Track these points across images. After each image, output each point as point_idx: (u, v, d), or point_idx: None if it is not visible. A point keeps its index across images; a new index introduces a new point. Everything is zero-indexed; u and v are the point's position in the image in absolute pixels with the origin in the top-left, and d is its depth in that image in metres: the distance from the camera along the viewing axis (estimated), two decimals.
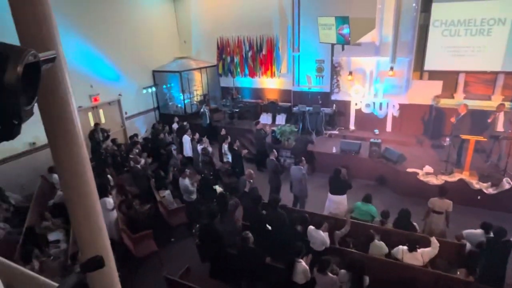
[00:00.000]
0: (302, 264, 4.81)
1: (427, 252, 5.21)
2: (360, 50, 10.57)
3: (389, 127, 11.24)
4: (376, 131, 10.98)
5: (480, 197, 7.79)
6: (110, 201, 6.62)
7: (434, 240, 5.29)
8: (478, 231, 5.64)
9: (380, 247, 5.50)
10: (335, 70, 11.62)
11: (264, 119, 12.81)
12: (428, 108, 10.42)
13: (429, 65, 10.28)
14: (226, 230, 5.75)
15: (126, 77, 12.06)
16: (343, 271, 4.58)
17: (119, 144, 10.26)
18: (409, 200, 7.91)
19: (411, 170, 8.59)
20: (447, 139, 8.39)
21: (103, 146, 10.03)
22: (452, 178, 8.06)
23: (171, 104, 14.00)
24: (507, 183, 7.62)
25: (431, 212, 6.26)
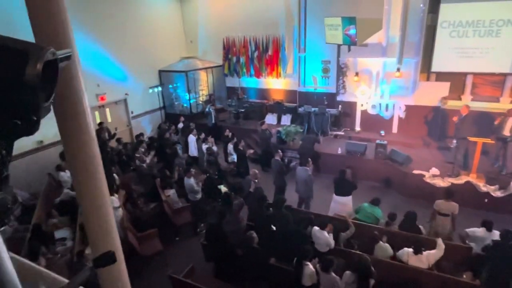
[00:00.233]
0: (310, 267, 4.80)
1: (433, 254, 5.17)
2: (366, 51, 10.52)
3: (395, 128, 11.18)
4: (382, 133, 10.92)
5: (487, 200, 7.72)
6: (115, 199, 6.67)
7: (439, 242, 5.25)
8: (480, 229, 5.61)
9: (385, 249, 5.48)
10: (341, 71, 11.58)
11: (270, 119, 12.81)
12: (435, 109, 10.34)
13: (436, 66, 10.20)
14: (231, 230, 5.76)
15: (132, 76, 12.14)
16: (348, 272, 4.56)
17: (125, 143, 10.33)
18: (415, 202, 7.88)
19: (417, 172, 8.53)
20: (454, 141, 8.31)
21: (109, 145, 10.09)
22: (459, 181, 7.99)
23: (177, 104, 14.06)
24: None
25: (437, 214, 6.21)
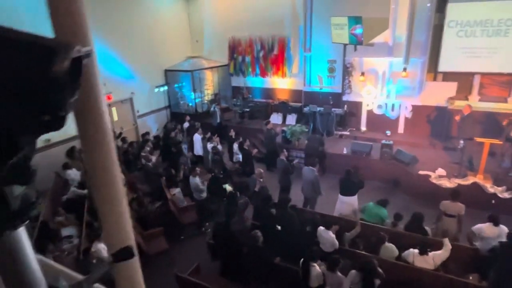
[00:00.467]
0: (317, 268, 4.80)
1: (439, 255, 5.14)
2: (372, 50, 10.46)
3: (401, 128, 11.11)
4: (388, 133, 10.86)
5: (494, 201, 7.64)
6: None
7: (446, 242, 5.20)
8: (486, 224, 5.56)
9: (390, 250, 5.45)
10: (347, 71, 11.54)
11: (275, 119, 12.81)
12: (442, 110, 10.25)
13: (443, 66, 10.11)
14: (237, 230, 5.77)
15: (138, 75, 12.20)
16: (353, 271, 4.56)
17: (131, 142, 10.39)
18: (420, 203, 7.82)
19: (423, 173, 8.48)
20: (461, 141, 8.24)
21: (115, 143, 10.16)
22: (466, 181, 7.93)
23: (182, 103, 14.09)
24: None
25: (443, 215, 6.17)
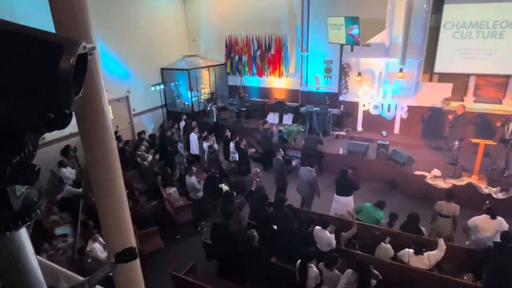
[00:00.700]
0: (314, 269, 4.81)
1: (433, 255, 5.17)
2: (369, 51, 10.49)
3: (397, 129, 11.16)
4: (384, 133, 10.91)
5: (488, 202, 7.68)
6: None
7: (441, 242, 5.23)
8: (482, 216, 5.66)
9: (386, 250, 5.47)
10: (343, 71, 11.57)
11: (271, 118, 12.80)
12: (438, 110, 10.31)
13: (439, 67, 10.17)
14: (234, 229, 5.76)
15: (135, 74, 12.13)
16: (350, 270, 4.57)
17: (127, 141, 10.33)
18: (416, 203, 7.87)
19: (418, 173, 8.52)
20: (456, 142, 8.30)
21: None
22: (461, 182, 7.98)
23: (179, 102, 14.05)
24: None
25: (438, 215, 6.20)
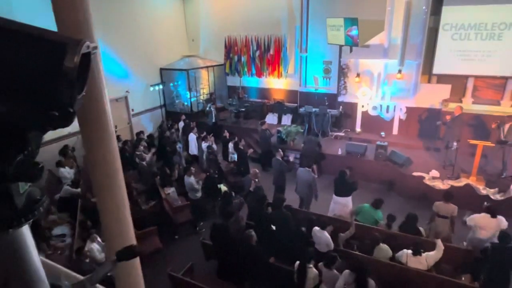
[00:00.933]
0: (313, 269, 4.82)
1: (431, 255, 5.18)
2: (368, 52, 10.52)
3: (395, 130, 11.18)
4: (383, 134, 10.93)
5: (486, 203, 7.71)
6: None
7: (439, 243, 5.25)
8: (482, 214, 5.71)
9: (385, 251, 5.48)
10: (342, 72, 11.59)
11: (270, 119, 12.81)
12: (436, 112, 10.33)
13: (438, 68, 10.20)
14: (233, 230, 5.76)
15: (133, 74, 12.12)
16: (347, 271, 4.58)
17: (125, 141, 10.32)
18: (414, 204, 7.87)
19: (417, 174, 8.54)
20: (454, 143, 8.33)
21: None
22: (459, 183, 8.00)
23: (178, 102, 14.04)
24: None
25: (436, 216, 6.22)
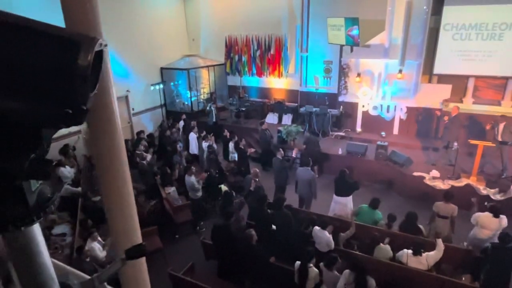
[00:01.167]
0: (314, 269, 4.82)
1: (432, 255, 5.18)
2: (369, 52, 10.51)
3: (396, 130, 11.18)
4: (383, 134, 10.92)
5: (487, 203, 7.70)
6: None
7: (439, 242, 5.24)
8: (485, 213, 5.72)
9: (385, 251, 5.48)
10: (343, 72, 11.58)
11: (271, 118, 12.82)
12: (433, 111, 10.30)
13: (438, 68, 10.19)
14: (234, 230, 5.76)
15: (134, 73, 12.12)
16: (347, 271, 4.59)
17: (126, 140, 10.32)
18: (414, 204, 7.87)
19: (417, 174, 8.54)
20: (455, 143, 8.33)
21: None
22: (459, 183, 7.99)
23: (178, 102, 14.04)
24: None
25: (436, 216, 6.22)
